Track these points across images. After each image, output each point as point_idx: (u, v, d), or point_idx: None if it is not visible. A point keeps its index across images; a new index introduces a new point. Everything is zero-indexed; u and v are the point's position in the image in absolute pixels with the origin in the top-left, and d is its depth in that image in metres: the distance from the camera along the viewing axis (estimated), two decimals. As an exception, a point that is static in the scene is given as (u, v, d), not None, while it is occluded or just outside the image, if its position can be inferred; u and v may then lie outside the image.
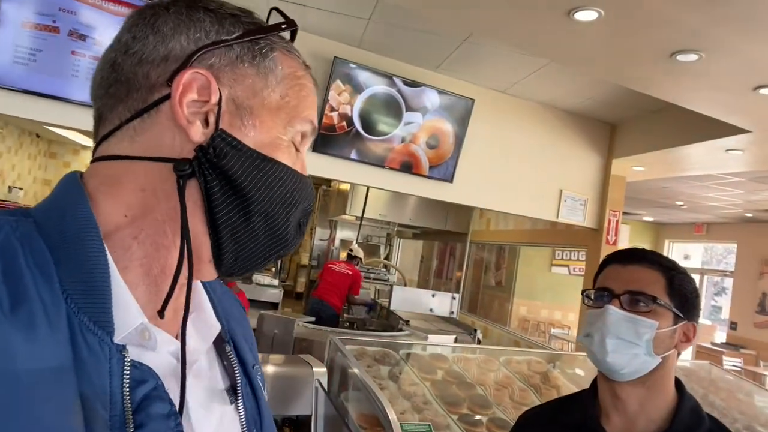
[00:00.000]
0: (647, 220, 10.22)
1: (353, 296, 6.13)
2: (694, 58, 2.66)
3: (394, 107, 3.92)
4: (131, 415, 0.46)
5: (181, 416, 0.51)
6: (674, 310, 1.03)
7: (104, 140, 0.55)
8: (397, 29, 3.56)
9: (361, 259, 6.69)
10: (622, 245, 4.64)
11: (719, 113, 3.41)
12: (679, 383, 1.09)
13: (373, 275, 7.57)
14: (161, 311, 0.51)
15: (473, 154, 4.23)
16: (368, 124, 3.87)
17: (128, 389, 0.47)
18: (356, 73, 3.78)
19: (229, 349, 0.64)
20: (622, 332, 1.03)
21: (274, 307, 5.70)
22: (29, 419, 0.40)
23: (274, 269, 8.08)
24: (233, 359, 0.64)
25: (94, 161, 0.55)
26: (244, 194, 0.53)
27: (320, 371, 1.90)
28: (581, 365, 2.74)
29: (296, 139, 0.58)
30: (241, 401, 0.62)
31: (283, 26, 0.59)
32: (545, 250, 7.37)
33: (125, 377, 0.47)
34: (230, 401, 0.61)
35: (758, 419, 2.47)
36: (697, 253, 10.57)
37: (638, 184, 5.94)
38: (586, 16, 2.42)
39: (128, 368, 0.47)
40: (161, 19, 0.54)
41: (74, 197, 0.51)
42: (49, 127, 7.27)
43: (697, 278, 9.81)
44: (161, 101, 0.52)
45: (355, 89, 3.79)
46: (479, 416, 2.01)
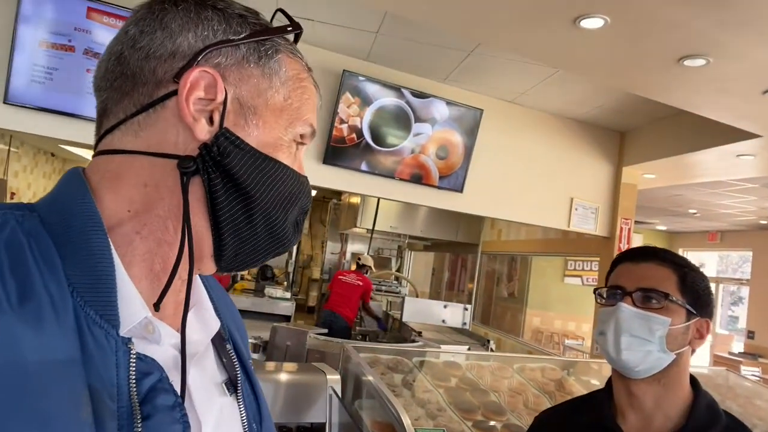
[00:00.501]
0: (660, 228, 10.14)
1: (367, 304, 6.11)
2: (701, 63, 2.66)
3: (403, 119, 3.95)
4: (138, 406, 0.47)
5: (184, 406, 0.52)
6: (687, 306, 1.03)
7: (108, 133, 0.55)
8: (404, 42, 3.61)
9: (370, 267, 6.63)
10: (634, 253, 4.59)
11: (729, 118, 3.40)
12: (694, 380, 1.08)
13: (384, 287, 7.56)
14: (157, 303, 0.52)
15: (483, 164, 4.24)
16: (378, 135, 3.90)
17: (134, 381, 0.47)
18: (365, 85, 3.83)
19: (229, 347, 0.65)
20: (635, 329, 1.03)
21: (286, 319, 5.70)
22: (40, 412, 0.41)
23: (285, 283, 8.10)
24: (233, 356, 0.65)
25: (96, 155, 0.56)
26: (246, 192, 0.54)
27: (334, 378, 1.90)
28: (596, 373, 2.72)
29: (296, 140, 0.60)
30: (241, 396, 0.63)
31: (289, 29, 0.60)
32: (558, 260, 7.33)
33: (131, 369, 0.47)
34: (228, 393, 0.62)
35: (778, 425, 2.43)
36: (711, 261, 10.44)
37: (650, 192, 5.91)
38: (592, 23, 2.43)
39: (134, 361, 0.48)
40: (170, 15, 0.54)
41: (78, 192, 0.52)
42: (64, 146, 7.40)
43: (712, 287, 9.62)
44: (167, 97, 0.53)
45: (364, 101, 3.83)
46: (494, 422, 2.00)
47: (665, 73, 2.84)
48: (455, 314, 5.30)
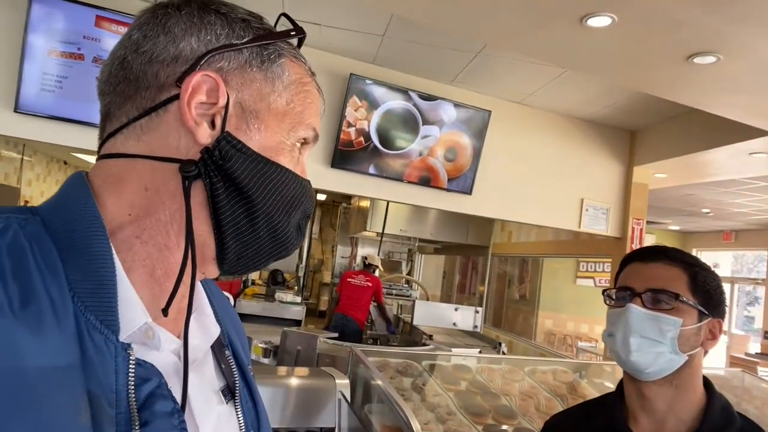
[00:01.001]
0: (673, 228, 10.03)
1: (381, 304, 6.10)
2: (711, 60, 2.63)
3: (410, 121, 3.94)
4: (136, 412, 0.47)
5: (183, 413, 0.51)
6: (698, 307, 1.01)
7: (110, 137, 0.55)
8: (411, 44, 3.60)
9: (377, 266, 6.56)
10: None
11: (740, 116, 3.35)
12: (707, 382, 1.06)
13: (395, 291, 7.53)
14: (165, 309, 0.52)
15: (492, 165, 4.23)
16: (386, 138, 3.90)
17: (133, 387, 0.47)
18: (372, 89, 3.83)
19: (228, 353, 0.65)
20: (645, 331, 1.01)
21: (297, 324, 5.70)
22: (39, 418, 0.41)
23: (296, 287, 8.11)
24: (231, 362, 0.64)
25: (99, 158, 0.56)
26: (248, 196, 0.54)
27: (343, 383, 1.89)
28: (609, 375, 2.68)
29: (299, 144, 0.59)
30: (239, 403, 0.62)
31: (292, 33, 0.59)
32: (569, 262, 7.27)
33: (130, 375, 0.47)
34: (225, 401, 0.61)
35: (796, 427, 2.38)
36: (726, 261, 10.32)
37: (662, 191, 5.85)
38: (599, 22, 2.41)
39: (133, 366, 0.48)
40: (173, 19, 0.54)
41: (81, 196, 0.52)
42: (76, 153, 7.48)
43: (727, 287, 9.55)
44: (169, 101, 0.53)
45: (371, 105, 3.83)
46: (505, 426, 1.98)
47: (674, 71, 2.81)
48: (466, 317, 5.26)
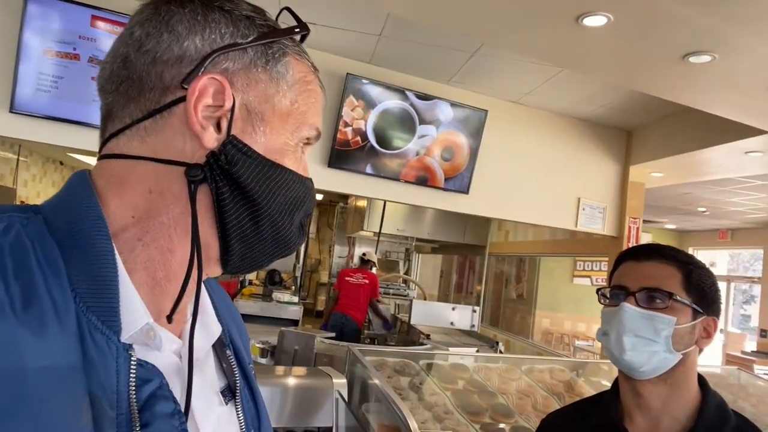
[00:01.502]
0: (670, 227, 10.06)
1: (375, 301, 6.10)
2: (707, 59, 2.64)
3: (407, 121, 3.94)
4: (137, 413, 0.46)
5: (186, 415, 0.51)
6: (693, 305, 1.01)
7: (113, 137, 0.54)
8: (408, 44, 3.60)
9: (374, 263, 6.52)
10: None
11: (736, 114, 3.36)
12: (702, 380, 1.06)
13: (392, 290, 7.53)
14: (170, 315, 0.52)
15: (488, 165, 4.23)
16: (382, 138, 3.90)
17: (134, 388, 0.47)
18: (369, 88, 3.83)
19: (229, 353, 0.65)
20: (639, 329, 1.01)
21: (294, 324, 5.70)
22: (40, 419, 0.41)
23: (293, 287, 8.10)
24: (233, 362, 0.64)
25: (101, 158, 0.55)
26: (253, 200, 0.54)
27: (340, 382, 1.89)
28: (605, 374, 2.69)
29: (302, 143, 0.59)
30: (240, 403, 0.62)
31: (296, 30, 0.59)
32: (566, 261, 7.29)
33: (131, 376, 0.47)
34: (225, 402, 0.61)
35: (792, 425, 2.39)
36: (722, 260, 10.35)
37: (658, 190, 5.87)
38: (594, 21, 2.42)
39: (134, 367, 0.47)
40: (176, 17, 0.53)
41: (85, 196, 0.51)
42: (72, 154, 7.46)
43: (723, 286, 9.59)
44: (175, 104, 0.52)
45: (368, 104, 3.83)
46: (502, 425, 1.98)
47: (670, 70, 2.82)
48: (463, 316, 5.27)
